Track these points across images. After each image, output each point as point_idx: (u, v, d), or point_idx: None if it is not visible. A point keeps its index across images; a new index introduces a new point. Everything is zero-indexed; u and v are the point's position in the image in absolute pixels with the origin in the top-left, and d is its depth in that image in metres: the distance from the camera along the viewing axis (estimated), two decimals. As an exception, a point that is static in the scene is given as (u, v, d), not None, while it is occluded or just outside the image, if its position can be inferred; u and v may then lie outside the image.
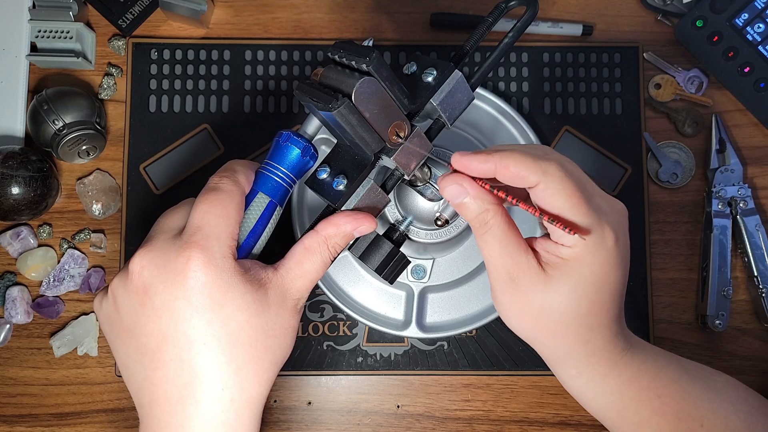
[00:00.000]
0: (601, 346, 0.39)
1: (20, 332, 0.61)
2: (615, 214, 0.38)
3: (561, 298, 0.37)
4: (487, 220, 0.38)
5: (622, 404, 0.40)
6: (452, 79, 0.39)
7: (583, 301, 0.37)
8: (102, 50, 0.65)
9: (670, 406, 0.40)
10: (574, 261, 0.36)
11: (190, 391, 0.36)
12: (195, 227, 0.37)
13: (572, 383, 0.41)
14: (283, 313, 0.38)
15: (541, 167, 0.36)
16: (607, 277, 0.37)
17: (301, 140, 0.40)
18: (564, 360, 0.40)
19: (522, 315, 0.39)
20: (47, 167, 0.59)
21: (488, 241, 0.38)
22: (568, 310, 0.37)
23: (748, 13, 0.63)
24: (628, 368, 0.40)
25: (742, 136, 0.65)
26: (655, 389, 0.40)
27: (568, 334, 0.38)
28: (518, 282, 0.38)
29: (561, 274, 0.37)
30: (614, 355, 0.39)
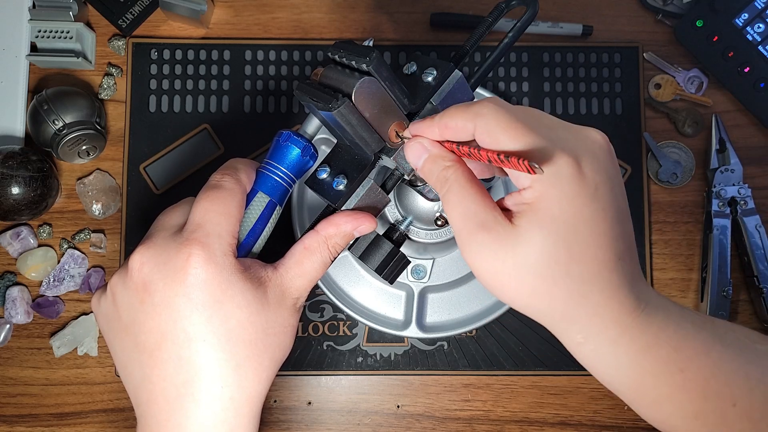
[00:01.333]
0: (602, 303, 0.33)
1: (20, 332, 0.61)
2: (580, 141, 0.33)
3: (534, 248, 0.32)
4: (447, 177, 0.35)
5: (636, 378, 0.34)
6: (452, 79, 0.39)
7: (560, 245, 0.32)
8: (102, 50, 0.65)
9: (696, 383, 0.34)
10: (538, 201, 0.32)
11: (189, 389, 0.36)
12: (196, 224, 0.37)
13: (579, 351, 0.35)
14: (282, 312, 0.38)
15: (473, 110, 0.33)
16: (580, 211, 0.32)
17: (301, 140, 0.40)
18: (565, 324, 0.34)
19: (499, 277, 0.33)
20: (47, 167, 0.59)
21: (450, 200, 0.35)
22: (545, 259, 0.32)
23: (748, 13, 0.63)
24: (642, 334, 0.33)
25: (742, 136, 0.65)
26: (678, 362, 0.34)
27: (556, 289, 0.32)
28: (485, 240, 0.33)
29: (528, 221, 0.32)
30: (622, 315, 0.33)
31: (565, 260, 0.32)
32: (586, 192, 0.32)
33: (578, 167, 0.32)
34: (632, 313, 0.33)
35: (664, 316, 0.34)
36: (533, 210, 0.32)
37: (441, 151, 0.36)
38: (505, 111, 0.33)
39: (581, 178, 0.32)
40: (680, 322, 0.34)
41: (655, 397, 0.34)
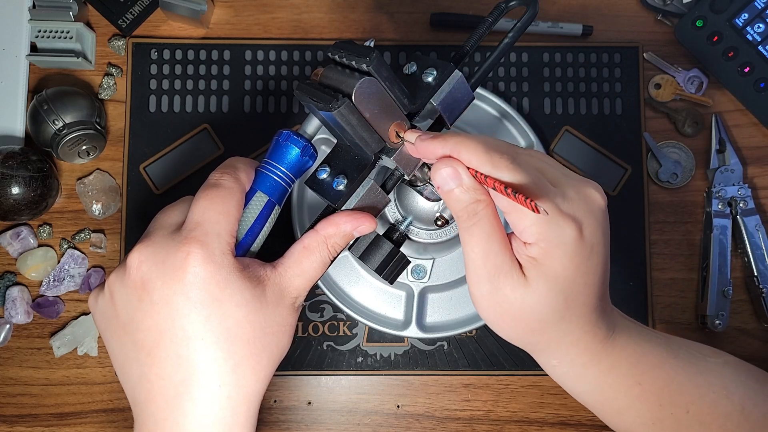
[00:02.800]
0: (579, 337, 0.38)
1: (20, 332, 0.61)
2: (582, 201, 0.36)
3: (539, 299, 0.36)
4: (477, 211, 0.36)
5: (601, 392, 0.40)
6: (452, 79, 0.39)
7: (560, 298, 0.36)
8: (102, 50, 0.65)
9: (652, 393, 0.39)
10: (543, 258, 0.35)
11: (186, 388, 0.36)
12: (195, 223, 0.37)
13: (552, 372, 0.40)
14: (280, 311, 0.38)
15: (491, 160, 0.35)
16: (578, 269, 0.36)
17: (300, 140, 0.40)
18: (544, 351, 0.39)
19: (502, 316, 0.37)
20: (47, 167, 0.59)
21: (475, 235, 0.36)
22: (547, 309, 0.36)
23: (748, 13, 0.63)
24: (608, 356, 0.39)
25: (742, 136, 0.65)
26: (635, 376, 0.39)
27: (547, 331, 0.37)
28: (499, 283, 0.36)
29: (536, 275, 0.36)
30: (594, 344, 0.38)
31: (561, 308, 0.36)
32: (584, 252, 0.36)
33: (580, 231, 0.35)
34: (602, 341, 0.38)
35: (626, 337, 0.39)
36: (540, 266, 0.36)
37: (474, 183, 0.36)
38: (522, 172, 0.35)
39: (582, 240, 0.35)
40: (639, 341, 0.40)
41: (617, 408, 0.40)
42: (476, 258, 0.37)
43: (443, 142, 0.36)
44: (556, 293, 0.36)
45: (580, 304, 0.37)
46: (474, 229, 0.36)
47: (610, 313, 0.40)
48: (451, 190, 0.36)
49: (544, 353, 0.39)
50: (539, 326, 0.37)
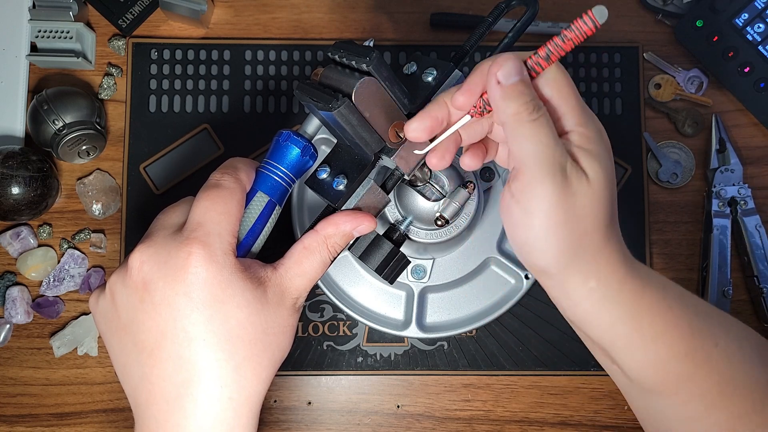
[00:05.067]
0: (616, 249, 0.37)
1: (20, 332, 0.61)
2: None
3: (597, 190, 0.35)
4: (540, 105, 0.35)
5: (637, 315, 0.37)
6: (452, 78, 0.40)
7: (609, 191, 0.36)
8: (102, 50, 0.65)
9: (683, 320, 0.38)
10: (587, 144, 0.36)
11: (188, 389, 0.36)
12: (196, 223, 0.37)
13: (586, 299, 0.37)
14: (282, 312, 0.38)
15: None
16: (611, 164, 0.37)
17: (301, 140, 0.40)
18: (587, 268, 0.37)
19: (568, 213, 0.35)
20: (47, 167, 0.59)
21: (543, 126, 0.35)
22: (602, 203, 0.36)
23: (748, 13, 0.63)
24: (639, 275, 0.37)
25: (742, 136, 0.65)
26: (666, 300, 0.38)
27: (599, 230, 0.36)
28: (568, 174, 0.35)
29: (590, 164, 0.35)
30: (626, 259, 0.37)
31: (609, 204, 0.36)
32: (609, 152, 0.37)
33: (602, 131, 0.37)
34: (630, 260, 0.38)
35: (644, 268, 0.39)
36: (589, 153, 0.36)
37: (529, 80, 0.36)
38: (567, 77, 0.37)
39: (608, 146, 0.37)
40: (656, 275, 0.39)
41: (651, 336, 0.37)
42: (546, 149, 0.34)
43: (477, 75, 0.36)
44: (608, 183, 0.36)
45: (614, 210, 0.37)
46: (541, 120, 0.35)
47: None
48: (516, 83, 0.35)
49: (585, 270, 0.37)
50: (594, 225, 0.36)
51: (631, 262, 0.38)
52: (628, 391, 0.42)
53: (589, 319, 0.38)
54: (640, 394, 0.40)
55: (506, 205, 0.37)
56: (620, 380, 0.41)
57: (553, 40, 0.35)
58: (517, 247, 0.38)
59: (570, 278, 0.37)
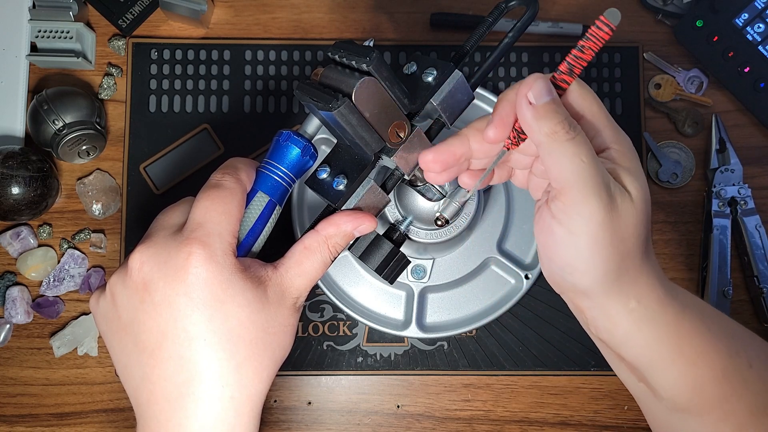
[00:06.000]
0: (654, 268, 0.37)
1: (20, 332, 0.61)
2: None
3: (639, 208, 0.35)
4: (574, 123, 0.34)
5: (677, 336, 0.37)
6: (452, 78, 0.39)
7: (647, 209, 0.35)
8: (102, 50, 0.65)
9: (722, 341, 0.37)
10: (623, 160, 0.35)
11: (189, 389, 0.36)
12: (196, 223, 0.37)
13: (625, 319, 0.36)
14: (282, 311, 0.38)
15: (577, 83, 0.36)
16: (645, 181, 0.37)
17: (301, 140, 0.40)
18: (628, 288, 0.36)
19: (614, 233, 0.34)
20: (47, 167, 0.59)
21: (581, 144, 0.34)
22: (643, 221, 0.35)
23: (748, 13, 0.63)
24: (677, 295, 0.37)
25: (742, 136, 0.65)
26: (704, 321, 0.37)
27: (640, 251, 0.35)
28: (613, 193, 0.34)
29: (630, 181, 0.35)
30: (663, 278, 0.37)
31: (647, 223, 0.36)
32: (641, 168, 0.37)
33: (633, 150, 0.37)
34: (665, 277, 0.38)
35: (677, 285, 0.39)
36: (626, 171, 0.35)
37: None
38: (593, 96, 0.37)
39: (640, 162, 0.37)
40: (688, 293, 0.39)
41: (692, 357, 0.37)
42: (589, 168, 0.33)
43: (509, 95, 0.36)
44: (645, 202, 0.35)
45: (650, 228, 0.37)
46: (579, 138, 0.34)
47: None
48: (548, 102, 0.34)
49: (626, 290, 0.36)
50: (636, 244, 0.35)
51: (668, 282, 0.38)
52: (652, 408, 0.41)
53: (626, 340, 0.37)
54: (668, 412, 0.39)
55: (546, 226, 0.36)
56: (645, 398, 0.40)
57: (571, 53, 0.34)
58: (557, 268, 0.37)
59: (611, 299, 0.36)
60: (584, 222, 0.34)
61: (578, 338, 0.61)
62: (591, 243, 0.34)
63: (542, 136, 0.34)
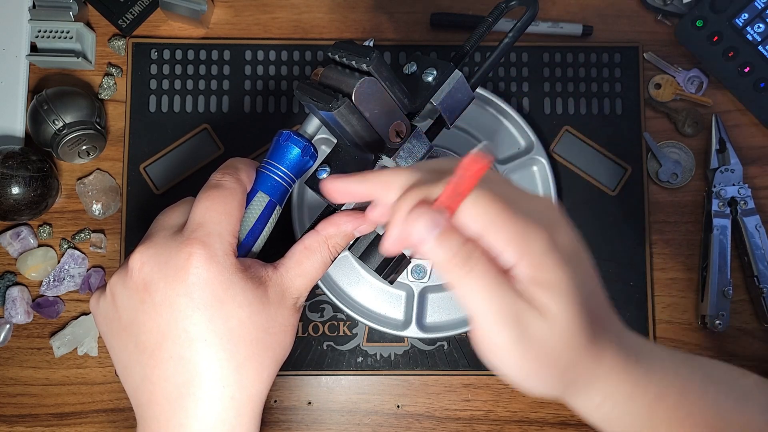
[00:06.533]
0: (614, 360, 0.33)
1: (20, 332, 0.61)
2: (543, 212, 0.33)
3: (563, 322, 0.31)
4: (471, 253, 0.31)
5: (652, 428, 0.35)
6: (452, 79, 0.39)
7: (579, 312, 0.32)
8: (102, 50, 0.65)
9: (704, 426, 0.35)
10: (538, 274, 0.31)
11: (190, 390, 0.36)
12: (197, 224, 0.37)
13: (598, 413, 0.35)
14: (283, 311, 0.38)
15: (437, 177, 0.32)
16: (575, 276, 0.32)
17: (301, 140, 0.40)
18: (585, 391, 0.34)
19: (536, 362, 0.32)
20: (47, 167, 0.59)
21: (479, 278, 0.31)
22: (575, 331, 0.32)
23: (748, 13, 0.63)
24: (650, 384, 0.34)
25: (742, 136, 0.65)
26: (685, 407, 0.35)
27: (582, 360, 0.32)
28: (522, 324, 0.31)
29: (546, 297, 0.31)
30: (631, 367, 0.34)
31: (586, 326, 0.32)
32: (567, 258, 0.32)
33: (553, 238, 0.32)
34: (636, 365, 0.34)
35: (660, 362, 0.35)
36: (541, 285, 0.31)
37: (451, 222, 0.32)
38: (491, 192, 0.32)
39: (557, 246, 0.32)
40: (677, 366, 0.36)
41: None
42: (491, 304, 0.31)
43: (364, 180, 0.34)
44: (575, 308, 0.32)
45: (600, 318, 0.33)
46: (477, 271, 0.31)
47: (625, 330, 0.36)
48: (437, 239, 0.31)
49: (586, 391, 0.34)
50: (574, 356, 0.32)
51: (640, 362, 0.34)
52: None
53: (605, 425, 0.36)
54: None
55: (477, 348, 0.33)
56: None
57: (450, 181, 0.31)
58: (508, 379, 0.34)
59: (572, 399, 0.35)
60: (501, 355, 0.32)
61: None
62: (518, 371, 0.33)
63: (439, 266, 0.32)
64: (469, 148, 0.61)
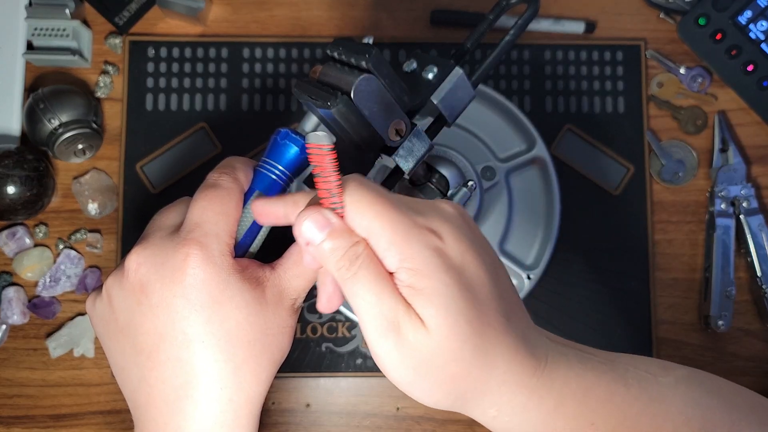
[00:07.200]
0: (507, 371, 0.32)
1: (16, 333, 0.61)
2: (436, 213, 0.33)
3: (442, 332, 0.30)
4: (358, 253, 0.31)
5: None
6: (453, 76, 0.39)
7: (462, 323, 0.30)
8: (98, 48, 0.64)
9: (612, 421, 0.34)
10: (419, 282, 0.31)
11: (187, 391, 0.35)
12: (193, 224, 0.36)
13: (496, 424, 0.34)
14: (280, 312, 0.37)
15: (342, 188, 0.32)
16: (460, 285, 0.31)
17: (299, 138, 0.40)
18: (478, 401, 0.33)
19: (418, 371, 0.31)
20: (43, 166, 0.59)
21: (363, 280, 0.31)
22: (457, 342, 0.30)
23: (752, 11, 0.62)
24: (549, 393, 0.33)
25: (745, 135, 0.64)
26: (586, 415, 0.34)
27: (471, 372, 0.31)
28: (402, 330, 0.30)
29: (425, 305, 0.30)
30: (525, 377, 0.32)
31: (471, 336, 0.31)
32: (455, 264, 0.31)
33: (441, 241, 0.31)
34: (535, 374, 0.33)
35: (565, 367, 0.34)
36: (421, 293, 0.30)
37: (342, 222, 0.31)
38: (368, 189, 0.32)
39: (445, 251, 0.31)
40: (582, 371, 0.34)
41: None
42: (371, 307, 0.30)
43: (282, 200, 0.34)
44: (453, 318, 0.30)
45: (489, 327, 0.32)
46: (361, 273, 0.31)
47: (536, 338, 0.34)
48: (326, 239, 0.31)
49: (478, 403, 0.33)
50: (458, 368, 0.31)
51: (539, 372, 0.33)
52: None
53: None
54: None
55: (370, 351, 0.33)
56: None
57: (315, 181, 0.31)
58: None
59: (467, 411, 0.34)
60: (382, 362, 0.31)
61: (578, 339, 0.60)
62: (399, 380, 0.32)
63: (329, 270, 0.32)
64: (469, 147, 0.61)
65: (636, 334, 0.61)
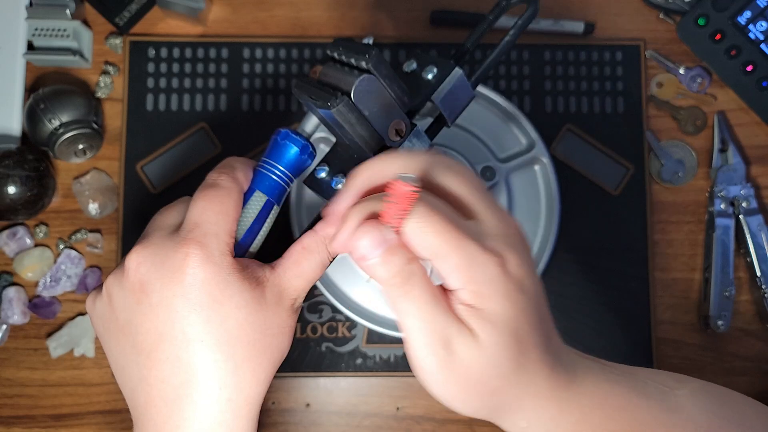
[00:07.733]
0: (541, 385, 0.34)
1: (17, 333, 0.61)
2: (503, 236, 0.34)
3: (493, 350, 0.32)
4: (413, 272, 0.32)
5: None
6: (452, 77, 0.39)
7: (512, 343, 0.32)
8: (99, 48, 0.64)
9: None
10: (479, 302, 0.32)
11: (187, 391, 0.35)
12: (193, 224, 0.36)
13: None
14: (280, 312, 0.37)
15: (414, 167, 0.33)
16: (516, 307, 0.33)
17: (299, 138, 0.40)
18: (510, 413, 0.35)
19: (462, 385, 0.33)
20: (44, 166, 0.59)
21: (416, 299, 0.32)
22: (503, 359, 0.32)
23: (751, 11, 0.63)
24: (577, 406, 0.35)
25: (744, 135, 0.64)
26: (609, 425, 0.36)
27: (509, 386, 0.33)
28: (453, 347, 0.32)
29: (481, 325, 0.32)
30: (558, 391, 0.35)
31: (516, 355, 0.33)
32: (515, 287, 0.33)
33: (503, 266, 0.32)
34: (565, 388, 0.35)
35: (591, 381, 0.36)
36: (479, 312, 0.32)
37: (398, 238, 0.32)
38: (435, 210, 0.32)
39: (508, 275, 0.32)
40: (606, 384, 0.36)
41: None
42: (424, 326, 0.32)
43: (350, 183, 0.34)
44: (506, 338, 0.32)
45: (533, 347, 0.34)
46: (414, 293, 0.32)
47: (566, 354, 0.37)
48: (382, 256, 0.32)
49: (510, 415, 0.35)
50: (500, 382, 0.33)
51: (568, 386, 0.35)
52: None
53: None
54: None
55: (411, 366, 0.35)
56: None
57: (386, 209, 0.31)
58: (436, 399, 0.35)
59: (499, 421, 0.36)
60: (427, 377, 0.33)
61: (578, 339, 0.60)
62: (443, 393, 0.34)
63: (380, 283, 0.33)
64: (469, 147, 0.61)
65: (635, 334, 0.61)
